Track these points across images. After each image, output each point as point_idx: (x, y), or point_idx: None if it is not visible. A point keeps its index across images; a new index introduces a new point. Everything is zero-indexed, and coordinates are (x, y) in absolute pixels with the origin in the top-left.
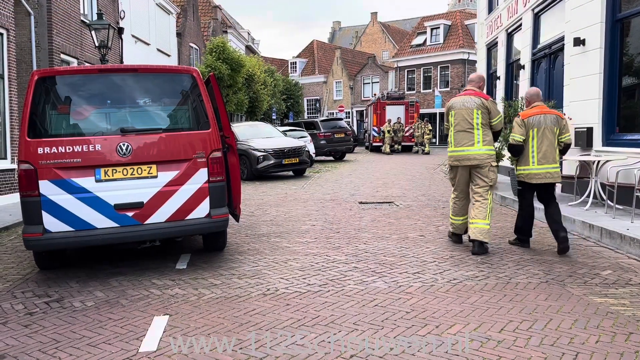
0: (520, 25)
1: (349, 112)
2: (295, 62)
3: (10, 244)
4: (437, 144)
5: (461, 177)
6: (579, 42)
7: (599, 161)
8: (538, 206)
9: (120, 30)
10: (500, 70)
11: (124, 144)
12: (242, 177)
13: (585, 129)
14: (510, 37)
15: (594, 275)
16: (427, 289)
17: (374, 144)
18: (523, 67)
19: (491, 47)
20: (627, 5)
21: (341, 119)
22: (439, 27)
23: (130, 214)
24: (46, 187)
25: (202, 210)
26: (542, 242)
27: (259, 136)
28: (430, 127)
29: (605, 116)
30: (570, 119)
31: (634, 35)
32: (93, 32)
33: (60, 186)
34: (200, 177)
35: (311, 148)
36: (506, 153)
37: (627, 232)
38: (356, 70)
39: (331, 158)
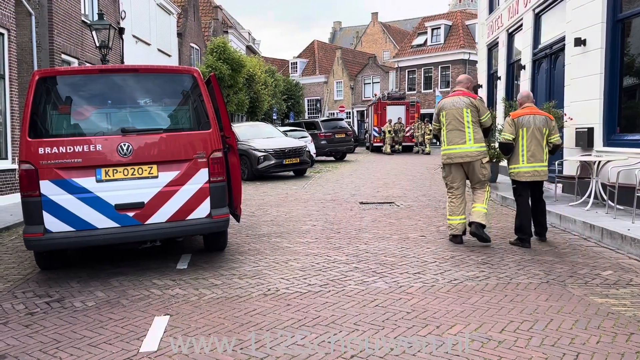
0: (521, 25)
1: (349, 112)
2: (296, 62)
3: (11, 244)
4: (438, 144)
5: (455, 174)
6: (579, 42)
7: (599, 161)
8: None
9: (121, 31)
10: (501, 71)
11: (124, 144)
12: (243, 178)
13: (586, 129)
14: (511, 37)
15: (595, 275)
16: (428, 289)
17: (375, 144)
18: (524, 67)
19: (492, 47)
20: (628, 6)
21: (342, 119)
22: (439, 27)
23: (131, 214)
24: (47, 187)
25: (203, 210)
26: (543, 243)
27: (259, 136)
28: (431, 128)
29: (606, 116)
30: (571, 119)
31: (634, 36)
32: (94, 33)
33: (61, 186)
34: (201, 177)
35: (312, 148)
36: None
37: (628, 232)
38: (357, 71)
39: (332, 158)
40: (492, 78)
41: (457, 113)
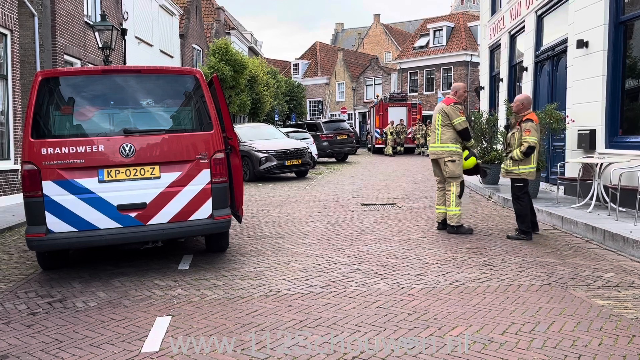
0: (523, 27)
1: (351, 114)
2: (298, 64)
3: (13, 244)
4: None
5: (435, 169)
6: (582, 44)
7: (601, 163)
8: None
9: (124, 32)
10: (503, 72)
11: (127, 145)
12: (245, 179)
13: (589, 131)
14: (513, 39)
15: (597, 277)
16: (430, 290)
17: (377, 145)
18: (526, 69)
19: (494, 49)
20: (631, 8)
21: (344, 121)
22: (441, 29)
23: (133, 214)
24: (49, 188)
25: (205, 211)
26: (545, 244)
27: (261, 137)
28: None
29: (608, 118)
30: (573, 121)
31: (637, 38)
32: (96, 34)
33: (63, 187)
34: (203, 178)
35: (313, 149)
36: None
37: (630, 234)
38: (359, 72)
39: (333, 159)
40: (494, 80)
41: (434, 117)
